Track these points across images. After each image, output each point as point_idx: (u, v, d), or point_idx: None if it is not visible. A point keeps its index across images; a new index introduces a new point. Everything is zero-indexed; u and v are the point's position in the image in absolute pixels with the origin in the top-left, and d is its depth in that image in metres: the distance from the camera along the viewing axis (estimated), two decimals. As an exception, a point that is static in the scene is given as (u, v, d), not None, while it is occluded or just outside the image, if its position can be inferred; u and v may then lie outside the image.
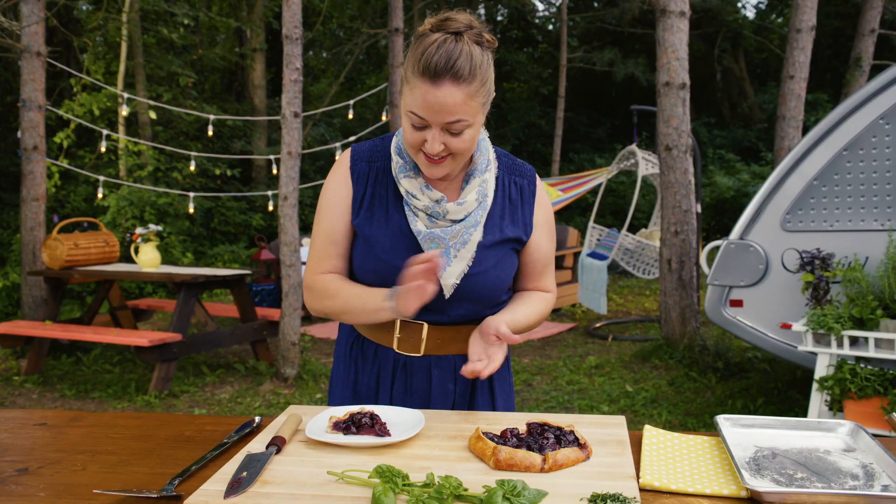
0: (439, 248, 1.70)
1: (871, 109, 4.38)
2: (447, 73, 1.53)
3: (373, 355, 1.87)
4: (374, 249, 1.75)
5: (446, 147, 1.61)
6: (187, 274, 6.21)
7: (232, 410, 5.50)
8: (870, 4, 10.78)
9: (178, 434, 1.64)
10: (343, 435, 1.50)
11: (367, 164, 1.80)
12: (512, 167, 1.84)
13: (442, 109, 1.55)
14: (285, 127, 6.10)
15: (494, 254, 1.76)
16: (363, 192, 1.78)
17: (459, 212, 1.71)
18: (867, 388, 3.84)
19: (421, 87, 1.55)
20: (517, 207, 1.81)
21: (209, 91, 16.91)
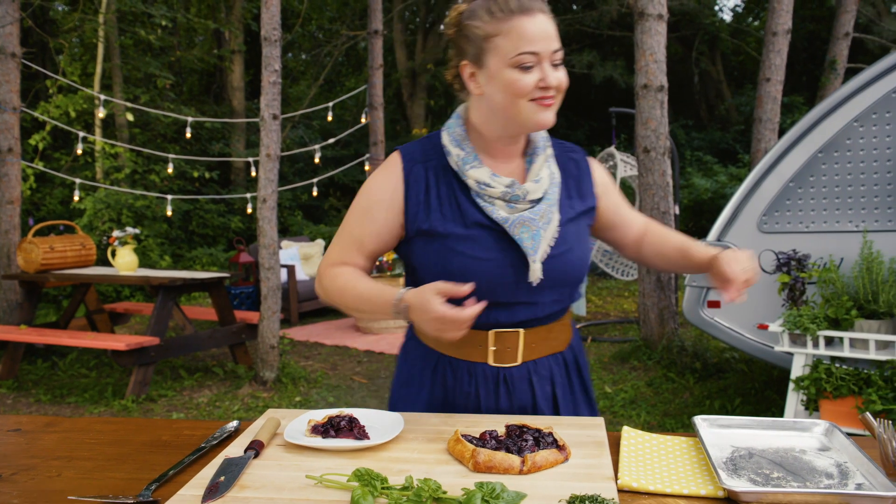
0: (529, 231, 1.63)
1: (846, 112, 4.43)
2: (536, 4, 1.57)
3: (466, 375, 1.74)
4: (453, 247, 1.65)
5: (557, 82, 1.60)
6: (165, 277, 6.16)
7: (210, 414, 5.47)
8: (844, 8, 10.89)
9: (155, 439, 1.63)
10: (322, 438, 1.50)
11: (423, 164, 1.71)
12: (563, 145, 1.84)
13: (548, 36, 1.57)
14: (264, 129, 6.07)
15: (574, 230, 1.73)
16: (425, 194, 1.69)
17: (537, 190, 1.67)
18: (842, 388, 3.88)
19: (518, 24, 1.55)
20: (580, 181, 1.79)
21: (187, 93, 16.80)
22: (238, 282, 9.07)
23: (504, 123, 1.65)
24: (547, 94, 1.59)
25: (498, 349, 1.71)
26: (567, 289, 1.75)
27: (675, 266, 1.86)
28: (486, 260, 1.63)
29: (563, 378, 1.81)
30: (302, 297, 9.13)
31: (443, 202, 1.68)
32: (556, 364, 1.79)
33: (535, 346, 1.73)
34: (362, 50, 20.16)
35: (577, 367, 1.85)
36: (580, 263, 1.73)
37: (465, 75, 1.67)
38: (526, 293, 1.67)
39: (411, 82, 18.53)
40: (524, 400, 1.74)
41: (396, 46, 18.57)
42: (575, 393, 1.83)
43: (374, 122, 9.71)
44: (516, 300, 1.68)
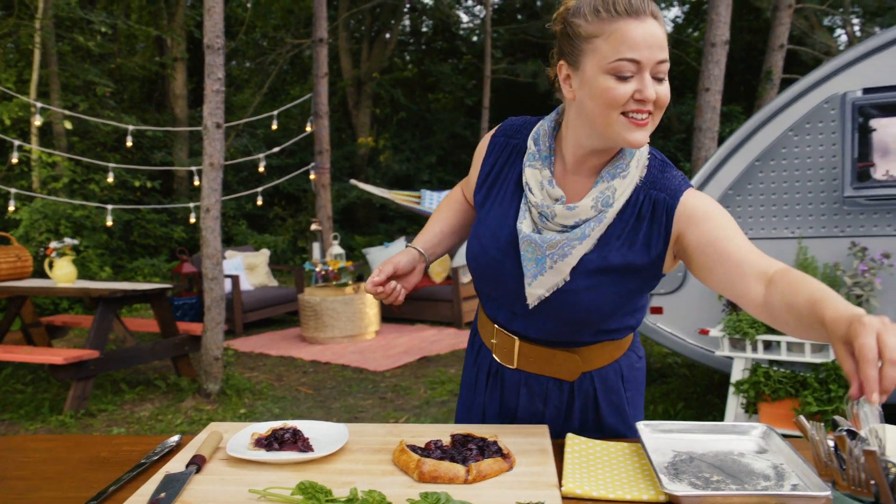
0: (534, 254, 1.54)
1: (781, 122, 4.55)
2: (648, 8, 1.41)
3: (477, 353, 1.85)
4: (479, 231, 1.66)
5: (657, 97, 1.43)
6: (105, 288, 6.03)
7: (153, 428, 5.36)
8: (778, 21, 11.20)
9: (93, 456, 1.59)
10: (265, 451, 1.48)
11: (507, 138, 1.69)
12: (656, 181, 1.56)
13: (654, 43, 1.40)
14: (207, 138, 5.99)
15: (596, 274, 1.54)
16: (490, 167, 1.69)
17: (569, 217, 1.52)
18: (780, 391, 3.98)
19: (623, 27, 1.40)
20: (643, 225, 1.54)
21: (128, 101, 16.49)
22: (181, 293, 8.92)
23: (591, 134, 1.51)
24: (643, 108, 1.43)
25: (498, 344, 1.73)
26: (570, 328, 1.62)
27: (805, 325, 1.27)
28: (495, 259, 1.62)
29: (559, 403, 1.73)
30: (246, 307, 9.01)
31: (500, 184, 1.67)
32: (557, 388, 1.71)
33: (532, 361, 1.69)
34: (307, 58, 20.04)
35: (593, 400, 1.73)
36: (588, 308, 1.56)
37: (561, 77, 1.53)
38: (523, 309, 1.63)
39: (357, 91, 18.48)
40: (510, 403, 1.76)
41: (342, 55, 18.51)
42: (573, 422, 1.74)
43: (319, 131, 9.66)
44: (513, 311, 1.67)
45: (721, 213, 1.51)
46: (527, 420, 1.74)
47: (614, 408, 1.74)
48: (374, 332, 8.55)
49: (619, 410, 1.74)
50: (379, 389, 6.31)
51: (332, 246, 8.95)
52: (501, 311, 1.70)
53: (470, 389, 1.86)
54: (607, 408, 1.73)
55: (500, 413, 1.77)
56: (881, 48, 4.32)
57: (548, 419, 1.73)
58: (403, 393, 6.16)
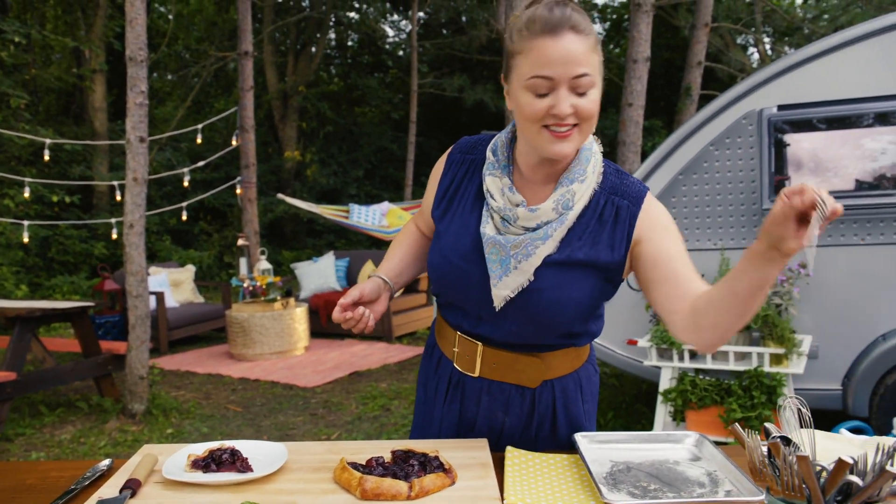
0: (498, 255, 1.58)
1: (702, 137, 4.69)
2: (566, 24, 1.44)
3: (437, 363, 1.84)
4: (440, 243, 1.69)
5: (575, 111, 1.47)
6: (22, 307, 5.81)
7: (74, 451, 5.18)
8: (696, 39, 11.56)
9: (17, 483, 1.53)
10: (203, 473, 1.45)
11: (462, 154, 1.75)
12: (616, 187, 1.63)
13: (568, 59, 1.44)
14: (130, 152, 5.85)
15: (560, 274, 1.58)
16: (449, 183, 1.74)
17: (531, 219, 1.57)
18: (706, 398, 4.09)
19: (540, 44, 1.45)
20: (605, 228, 1.60)
21: (43, 113, 15.98)
22: (103, 310, 8.66)
23: (526, 144, 1.61)
24: (561, 122, 1.48)
25: (460, 353, 1.74)
26: (534, 327, 1.64)
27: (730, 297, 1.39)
28: (456, 266, 1.65)
29: (520, 412, 1.74)
30: (172, 324, 8.81)
31: (456, 198, 1.72)
32: (519, 396, 1.72)
33: (495, 367, 1.71)
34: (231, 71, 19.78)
35: (551, 409, 1.75)
36: (553, 308, 1.60)
37: (504, 91, 1.60)
38: (489, 313, 1.65)
39: (282, 104, 18.31)
40: (469, 412, 1.76)
41: (267, 68, 18.32)
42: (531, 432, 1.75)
43: (245, 145, 9.54)
44: (479, 315, 1.68)
45: (675, 228, 1.63)
46: (485, 432, 1.75)
47: (570, 420, 1.77)
48: (304, 348, 8.46)
49: (576, 424, 1.78)
50: (310, 406, 6.24)
51: (259, 261, 8.83)
52: (467, 318, 1.71)
53: (429, 403, 1.85)
54: (564, 419, 1.75)
55: (458, 424, 1.78)
56: (794, 66, 4.50)
57: (507, 430, 1.74)
58: (335, 409, 6.11)
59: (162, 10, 18.98)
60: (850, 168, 4.35)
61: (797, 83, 4.49)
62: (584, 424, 1.79)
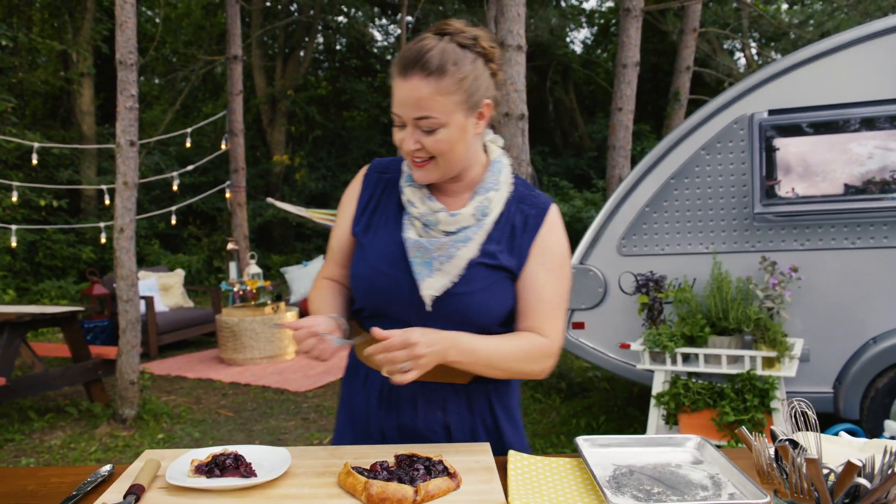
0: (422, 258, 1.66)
1: (694, 141, 4.72)
2: (416, 65, 1.54)
3: (364, 379, 1.84)
4: (365, 254, 1.74)
5: (423, 147, 1.59)
6: (11, 312, 5.78)
7: (65, 457, 5.15)
8: (684, 44, 11.62)
9: (18, 490, 1.52)
10: (206, 479, 1.45)
11: (379, 174, 1.83)
12: (525, 196, 1.76)
13: (408, 102, 1.56)
14: (120, 156, 5.82)
15: (487, 276, 1.68)
16: (367, 201, 1.81)
17: (452, 223, 1.67)
18: (699, 402, 4.11)
19: (395, 83, 1.57)
20: (516, 236, 1.71)
21: (30, 117, 15.88)
22: (92, 315, 8.62)
23: None
24: (413, 154, 1.62)
25: None
26: (465, 328, 1.67)
27: None
28: (384, 274, 1.69)
29: (458, 409, 1.77)
30: (161, 329, 8.77)
31: (377, 213, 1.78)
32: (454, 393, 1.75)
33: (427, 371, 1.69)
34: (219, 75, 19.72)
35: (487, 404, 1.79)
36: (482, 310, 1.67)
37: None
38: (418, 318, 1.68)
39: (271, 108, 18.28)
40: (407, 419, 1.76)
41: (255, 72, 18.29)
42: (476, 428, 1.78)
43: (234, 149, 9.53)
44: (409, 320, 1.69)
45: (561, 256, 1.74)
46: (430, 436, 1.75)
47: (508, 413, 1.82)
48: (294, 352, 8.43)
49: (512, 416, 1.83)
50: (301, 410, 6.22)
51: (249, 265, 8.80)
52: (395, 325, 1.69)
53: (359, 418, 1.85)
54: (502, 412, 1.80)
55: (399, 430, 1.78)
56: (784, 72, 4.54)
57: (453, 431, 1.76)
58: (326, 413, 6.09)
59: (150, 14, 18.91)
60: (838, 172, 4.39)
61: (787, 88, 4.52)
62: (518, 416, 1.86)
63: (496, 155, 1.78)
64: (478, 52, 1.61)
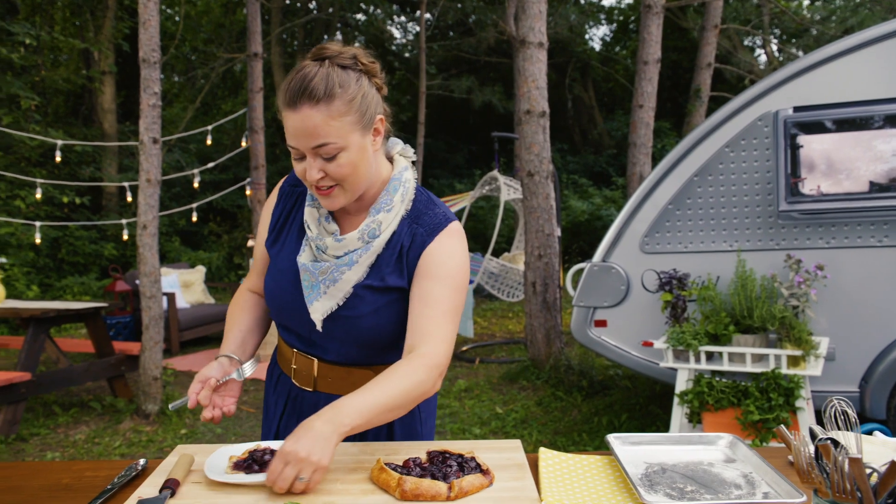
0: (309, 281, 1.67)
1: (718, 138, 4.69)
2: (302, 95, 1.51)
3: (276, 382, 1.89)
4: (271, 269, 1.78)
5: (326, 174, 1.57)
6: (36, 308, 5.83)
7: (89, 452, 5.19)
8: (706, 41, 11.55)
9: (54, 483, 1.53)
10: (245, 474, 1.46)
11: (291, 187, 1.82)
12: (420, 215, 1.72)
13: (304, 133, 1.53)
14: (143, 153, 5.87)
15: (376, 299, 1.67)
16: (279, 214, 1.82)
17: (339, 248, 1.66)
18: (723, 400, 4.08)
19: (285, 115, 1.54)
20: (403, 256, 1.69)
21: (52, 114, 16.03)
22: (114, 311, 8.69)
23: None
24: (317, 183, 1.59)
25: (297, 369, 1.80)
26: (360, 349, 1.71)
27: None
28: (286, 291, 1.73)
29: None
30: (183, 325, 8.83)
31: (285, 228, 1.80)
32: None
33: (331, 382, 1.77)
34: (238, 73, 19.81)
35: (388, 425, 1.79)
36: (373, 331, 1.68)
37: None
38: (317, 336, 1.73)
39: (290, 106, 18.33)
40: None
41: (275, 69, 18.36)
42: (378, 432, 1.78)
43: (254, 146, 9.56)
44: (310, 337, 1.75)
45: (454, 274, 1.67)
46: None
47: (406, 429, 1.81)
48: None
49: (412, 433, 1.82)
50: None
51: (270, 262, 8.83)
52: (300, 339, 1.78)
53: (270, 419, 1.90)
54: (400, 428, 1.80)
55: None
56: (810, 68, 4.50)
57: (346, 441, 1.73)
58: (347, 410, 6.10)
59: (170, 12, 19.03)
60: (863, 170, 4.35)
61: (813, 85, 4.49)
62: (419, 430, 1.83)
63: (398, 170, 1.73)
64: (360, 71, 1.59)
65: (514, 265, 10.40)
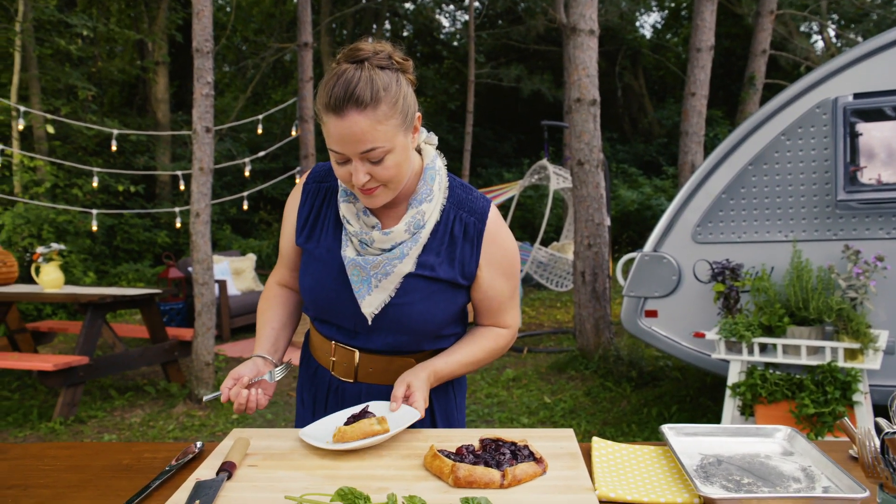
0: (360, 276, 1.68)
1: (774, 126, 4.59)
2: (348, 101, 1.49)
3: (312, 374, 1.89)
4: (309, 266, 1.77)
5: (373, 177, 1.57)
6: (94, 294, 5.97)
7: (144, 434, 5.31)
8: (760, 27, 11.31)
9: (114, 463, 1.57)
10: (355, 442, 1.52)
11: (317, 183, 1.81)
12: (463, 202, 1.75)
13: (352, 139, 1.51)
14: (196, 142, 5.95)
15: (425, 287, 1.70)
16: (309, 211, 1.80)
17: (386, 241, 1.66)
18: (776, 393, 4.01)
19: (329, 121, 1.53)
20: (457, 245, 1.71)
21: (108, 105, 16.36)
22: (167, 298, 8.85)
23: None
24: (362, 186, 1.58)
25: (338, 361, 1.81)
26: (407, 336, 1.74)
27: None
28: (328, 287, 1.73)
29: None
30: (234, 312, 8.96)
31: (317, 224, 1.79)
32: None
33: (371, 372, 1.78)
34: (288, 62, 19.98)
35: (430, 412, 1.83)
36: (420, 318, 1.71)
37: None
38: (363, 327, 1.74)
39: (340, 95, 18.44)
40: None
41: (324, 59, 18.47)
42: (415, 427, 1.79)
43: (304, 135, 9.64)
44: (354, 329, 1.76)
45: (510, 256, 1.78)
46: None
47: (446, 415, 1.86)
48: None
49: (450, 418, 1.88)
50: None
51: (319, 250, 8.90)
52: (341, 332, 1.78)
53: (307, 411, 1.90)
54: (440, 414, 1.85)
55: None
56: (871, 54, 4.37)
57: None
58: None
59: (221, 2, 19.26)
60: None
61: (876, 70, 4.36)
62: (456, 415, 1.90)
63: (429, 159, 1.75)
64: (396, 69, 1.58)
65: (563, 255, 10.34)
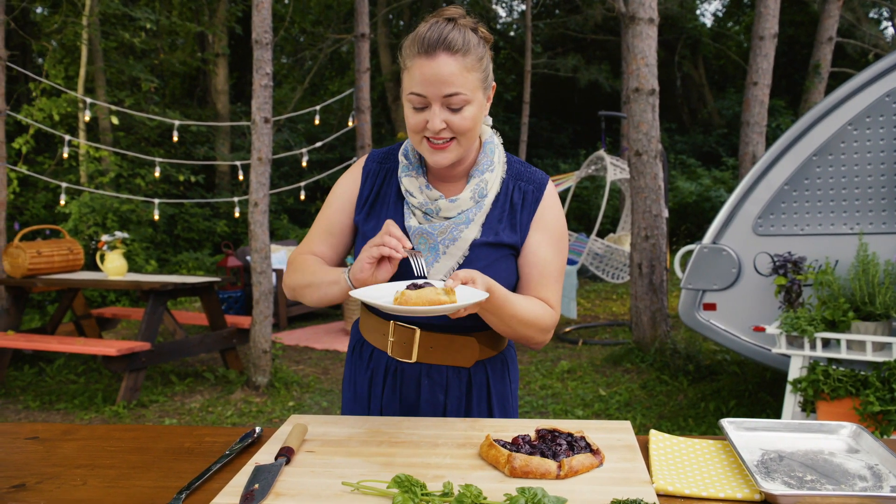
0: (427, 244, 1.70)
1: (840, 116, 4.46)
2: (440, 44, 1.56)
3: (368, 358, 1.88)
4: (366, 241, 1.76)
5: (448, 126, 1.61)
6: (156, 282, 6.11)
7: (203, 419, 5.42)
8: (827, 13, 10.99)
9: (177, 446, 1.61)
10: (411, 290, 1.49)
11: (378, 164, 1.85)
12: (521, 174, 1.81)
13: (438, 80, 1.57)
14: (255, 132, 6.03)
15: (490, 254, 1.73)
16: (369, 191, 1.83)
17: (452, 209, 1.71)
18: (839, 389, 3.90)
19: (417, 63, 1.58)
20: (517, 212, 1.77)
21: (169, 96, 16.69)
22: (226, 286, 9.01)
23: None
24: (436, 135, 1.63)
25: (396, 341, 1.79)
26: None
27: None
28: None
29: (459, 393, 1.81)
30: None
31: (378, 203, 1.81)
32: (456, 377, 1.80)
33: (432, 351, 1.77)
34: (344, 53, 20.12)
35: (486, 390, 1.84)
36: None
37: None
38: None
39: (396, 86, 18.52)
40: (410, 398, 1.80)
41: (381, 50, 18.56)
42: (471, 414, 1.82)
43: (361, 126, 9.69)
44: None
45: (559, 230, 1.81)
46: (429, 414, 1.80)
47: (501, 399, 1.86)
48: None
49: (504, 403, 1.87)
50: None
51: (374, 240, 8.96)
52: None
53: (361, 398, 1.88)
54: (496, 397, 1.85)
55: (399, 409, 1.82)
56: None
57: (448, 411, 1.81)
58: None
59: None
60: None
61: (948, 58, 4.21)
62: (511, 402, 1.90)
63: (487, 136, 1.80)
64: (481, 37, 1.65)
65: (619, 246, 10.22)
